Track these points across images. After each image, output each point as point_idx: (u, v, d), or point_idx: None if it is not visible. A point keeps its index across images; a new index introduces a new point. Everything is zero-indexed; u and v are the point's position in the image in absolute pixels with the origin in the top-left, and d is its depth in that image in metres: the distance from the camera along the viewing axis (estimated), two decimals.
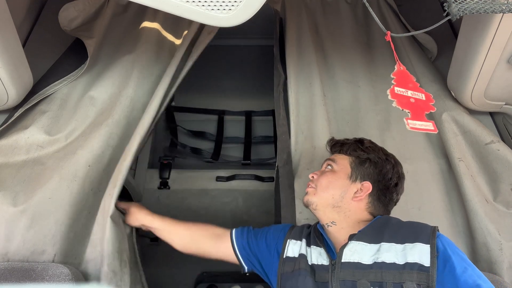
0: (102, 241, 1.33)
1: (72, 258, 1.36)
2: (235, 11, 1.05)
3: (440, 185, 1.60)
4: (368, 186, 1.21)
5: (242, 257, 1.36)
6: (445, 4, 1.06)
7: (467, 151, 1.59)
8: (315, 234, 1.24)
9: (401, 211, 1.50)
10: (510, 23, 1.25)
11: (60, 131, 1.58)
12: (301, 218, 1.51)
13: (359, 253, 1.08)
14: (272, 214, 2.44)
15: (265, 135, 2.92)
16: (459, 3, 1.03)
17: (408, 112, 1.13)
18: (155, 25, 1.95)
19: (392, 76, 1.19)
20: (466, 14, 1.04)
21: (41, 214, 1.36)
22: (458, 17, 1.04)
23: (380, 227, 1.13)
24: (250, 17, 1.07)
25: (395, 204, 1.28)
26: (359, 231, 1.14)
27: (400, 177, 1.27)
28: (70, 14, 1.73)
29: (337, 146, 1.34)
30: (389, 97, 1.14)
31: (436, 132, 1.17)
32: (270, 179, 2.37)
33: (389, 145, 1.67)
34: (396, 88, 1.16)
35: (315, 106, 1.75)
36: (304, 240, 1.25)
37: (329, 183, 1.23)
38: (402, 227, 1.12)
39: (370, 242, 1.09)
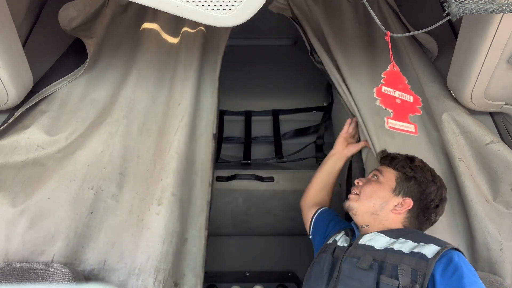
0: (137, 253, 1.37)
1: (72, 259, 1.36)
2: (235, 11, 1.05)
3: None
4: (409, 202, 1.26)
5: (312, 226, 1.57)
6: (445, 4, 1.05)
7: (467, 151, 1.59)
8: (351, 228, 1.36)
9: None
10: (510, 23, 1.25)
11: (60, 131, 1.58)
12: None
13: (375, 240, 1.18)
14: (272, 214, 2.46)
15: (265, 135, 2.92)
16: (459, 3, 1.03)
17: (391, 112, 1.17)
18: (155, 26, 1.95)
19: (382, 75, 1.21)
20: (466, 14, 1.04)
21: (40, 214, 1.36)
22: (458, 17, 1.04)
23: (405, 232, 1.20)
24: (250, 17, 1.07)
25: (431, 225, 1.33)
26: (387, 230, 1.23)
27: (443, 200, 1.32)
28: (70, 13, 1.73)
29: (387, 159, 1.39)
30: (374, 94, 1.16)
31: (416, 135, 1.20)
32: (270, 179, 2.37)
33: (390, 145, 1.67)
34: (384, 87, 1.20)
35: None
36: (339, 231, 1.38)
37: (373, 192, 1.29)
38: (425, 235, 1.20)
39: (390, 237, 1.18)
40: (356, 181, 1.35)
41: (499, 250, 1.39)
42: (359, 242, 1.21)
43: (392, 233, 1.20)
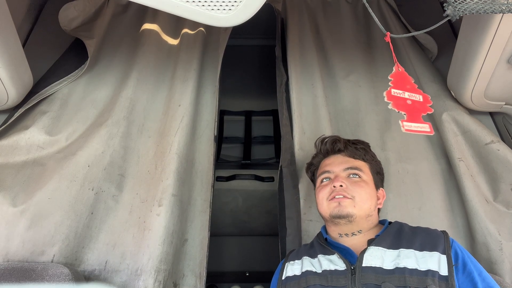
0: (138, 254, 1.37)
1: (72, 259, 1.36)
2: (235, 11, 1.05)
3: (440, 185, 1.60)
4: (383, 193, 1.27)
5: None
6: (445, 4, 1.06)
7: (467, 151, 1.59)
8: (320, 243, 1.22)
9: (401, 211, 1.50)
10: (510, 23, 1.25)
11: (61, 131, 1.58)
12: (305, 218, 1.51)
13: (379, 258, 1.08)
14: (272, 214, 2.45)
15: (265, 135, 2.92)
16: (459, 3, 1.03)
17: (404, 114, 1.13)
18: (155, 26, 1.95)
19: (389, 78, 1.19)
20: (466, 14, 1.04)
21: (40, 214, 1.36)
22: (458, 17, 1.05)
23: (396, 233, 1.15)
24: (250, 17, 1.08)
25: None
26: (377, 236, 1.15)
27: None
28: (70, 14, 1.74)
29: (351, 149, 1.29)
30: (385, 99, 1.14)
31: (432, 134, 1.17)
32: (270, 179, 2.37)
33: (390, 145, 1.67)
34: (393, 90, 1.17)
35: (317, 107, 1.75)
36: (305, 257, 1.20)
37: (368, 195, 1.20)
38: (417, 234, 1.14)
39: (389, 248, 1.10)
40: (337, 184, 1.18)
41: (499, 250, 1.39)
42: (364, 265, 1.06)
43: (386, 240, 1.12)
